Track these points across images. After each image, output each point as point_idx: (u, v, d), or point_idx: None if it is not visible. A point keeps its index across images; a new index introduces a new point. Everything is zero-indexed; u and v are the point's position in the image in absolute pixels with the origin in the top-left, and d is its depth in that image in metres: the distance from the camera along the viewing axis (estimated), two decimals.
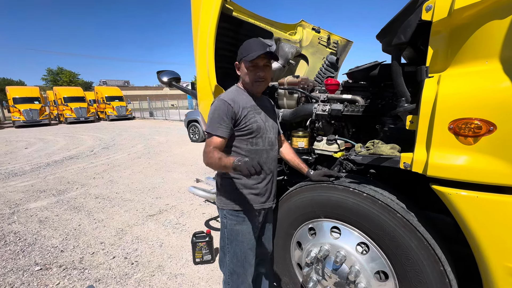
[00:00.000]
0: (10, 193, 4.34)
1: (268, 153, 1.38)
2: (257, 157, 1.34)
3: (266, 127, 1.36)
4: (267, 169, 1.38)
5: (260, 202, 1.38)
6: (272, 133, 1.41)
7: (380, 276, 1.24)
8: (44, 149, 8.58)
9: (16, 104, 17.50)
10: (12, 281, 2.13)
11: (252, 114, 1.31)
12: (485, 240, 0.92)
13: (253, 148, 1.33)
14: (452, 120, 0.93)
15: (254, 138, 1.32)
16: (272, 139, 1.41)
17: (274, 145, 1.43)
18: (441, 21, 1.03)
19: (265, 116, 1.38)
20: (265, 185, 1.38)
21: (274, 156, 1.44)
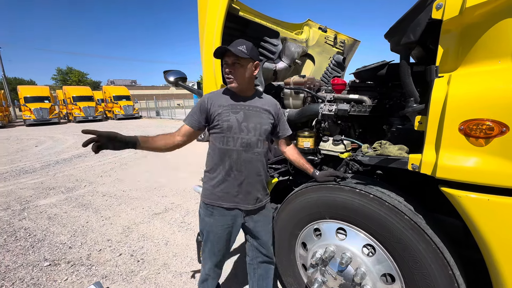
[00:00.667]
0: (21, 190, 4.45)
1: (240, 154, 1.34)
2: (227, 156, 1.34)
3: (241, 128, 1.33)
4: (237, 169, 1.35)
5: (232, 202, 1.39)
6: (252, 135, 1.35)
7: (387, 278, 1.22)
8: (53, 147, 8.75)
9: (27, 103, 17.91)
10: (22, 276, 2.18)
11: (226, 113, 1.33)
12: (496, 244, 0.89)
13: (223, 147, 1.35)
14: (462, 121, 0.91)
15: (224, 137, 1.34)
16: (250, 141, 1.34)
17: (252, 147, 1.35)
18: (452, 19, 1.01)
19: (244, 116, 1.34)
20: (237, 186, 1.37)
21: (251, 159, 1.36)
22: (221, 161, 1.36)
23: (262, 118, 1.38)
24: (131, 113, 21.28)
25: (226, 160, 1.35)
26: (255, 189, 1.42)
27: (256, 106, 1.39)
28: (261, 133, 1.37)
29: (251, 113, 1.36)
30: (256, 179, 1.41)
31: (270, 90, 2.41)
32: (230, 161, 1.35)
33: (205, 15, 1.90)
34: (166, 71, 2.56)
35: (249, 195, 1.40)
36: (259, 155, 1.39)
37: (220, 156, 1.36)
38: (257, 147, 1.37)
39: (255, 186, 1.41)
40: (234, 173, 1.36)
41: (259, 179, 1.42)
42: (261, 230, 1.51)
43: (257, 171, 1.40)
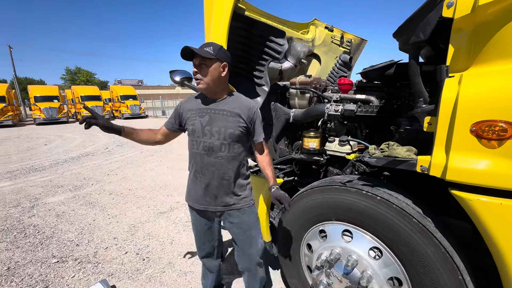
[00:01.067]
0: (31, 187, 4.54)
1: (203, 158, 1.37)
2: (193, 160, 1.42)
3: (204, 131, 1.35)
4: (202, 173, 1.39)
5: (201, 204, 1.44)
6: (215, 138, 1.34)
7: (394, 282, 1.20)
8: (62, 146, 8.91)
9: (37, 102, 18.27)
10: (31, 272, 2.23)
11: (193, 117, 1.39)
12: (509, 249, 0.86)
13: (191, 150, 1.43)
14: (474, 122, 0.88)
15: (191, 140, 1.41)
16: (212, 145, 1.34)
17: (214, 151, 1.35)
18: (464, 18, 0.98)
19: (209, 120, 1.35)
20: (203, 188, 1.40)
21: (214, 162, 1.36)
22: (190, 163, 1.46)
23: (228, 122, 1.35)
24: (138, 112, 21.50)
25: (193, 163, 1.43)
26: (222, 193, 1.41)
27: (224, 110, 1.37)
28: (226, 137, 1.35)
29: (217, 116, 1.36)
30: (222, 183, 1.39)
31: (276, 90, 2.40)
32: (196, 164, 1.41)
33: (211, 15, 1.90)
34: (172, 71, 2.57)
35: (215, 198, 1.41)
36: (223, 159, 1.37)
37: (189, 158, 1.46)
38: (220, 151, 1.36)
39: (221, 190, 1.40)
40: (199, 176, 1.40)
41: (225, 183, 1.39)
42: (238, 236, 1.51)
43: (222, 175, 1.38)
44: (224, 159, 1.37)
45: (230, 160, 1.38)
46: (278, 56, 2.18)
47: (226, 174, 1.39)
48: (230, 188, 1.42)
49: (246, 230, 1.49)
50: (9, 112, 17.12)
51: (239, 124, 1.36)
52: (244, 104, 1.42)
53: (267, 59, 2.21)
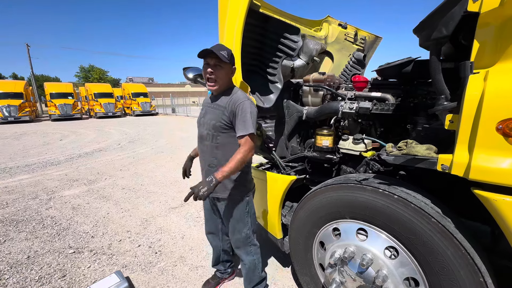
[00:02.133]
0: (47, 180, 4.70)
1: (198, 145, 1.63)
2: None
3: (200, 122, 1.60)
4: (200, 159, 1.65)
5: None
6: (204, 128, 1.56)
7: (410, 283, 1.18)
8: (76, 141, 9.18)
9: (53, 99, 18.89)
10: (49, 261, 2.31)
11: (202, 111, 1.64)
12: None
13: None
14: (501, 120, 0.85)
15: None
16: (202, 134, 1.57)
17: (203, 139, 1.57)
18: (491, 12, 0.95)
19: (204, 113, 1.59)
20: (201, 170, 1.64)
21: (202, 149, 1.60)
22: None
23: (214, 114, 1.51)
24: (148, 109, 21.89)
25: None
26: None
27: (216, 104, 1.53)
28: (211, 128, 1.51)
29: (209, 110, 1.55)
30: (209, 169, 1.56)
31: (289, 87, 2.39)
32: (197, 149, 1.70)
33: (226, 11, 1.90)
34: (186, 68, 2.60)
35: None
36: (208, 147, 1.55)
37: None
38: (206, 140, 1.55)
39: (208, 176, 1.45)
40: (200, 160, 1.66)
41: (212, 170, 1.50)
42: (224, 221, 1.72)
43: (209, 162, 1.57)
44: (208, 148, 1.55)
45: (214, 149, 1.54)
46: (292, 53, 2.17)
47: (211, 162, 1.56)
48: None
49: (230, 219, 1.65)
50: (26, 108, 17.76)
51: (222, 117, 1.48)
52: (232, 99, 1.49)
53: (281, 56, 2.20)
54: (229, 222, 1.66)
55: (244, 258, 1.72)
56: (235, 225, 1.65)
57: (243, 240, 1.67)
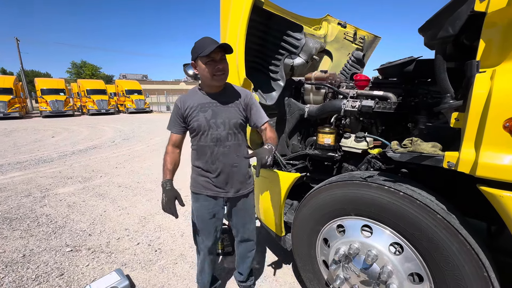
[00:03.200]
0: (41, 178, 4.60)
1: (213, 149, 1.45)
2: (202, 152, 1.48)
3: (209, 124, 1.43)
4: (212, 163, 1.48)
5: (213, 191, 1.53)
6: (221, 129, 1.43)
7: (414, 278, 1.20)
8: (69, 138, 9.01)
9: (44, 95, 18.45)
10: (46, 259, 2.27)
11: (196, 113, 1.43)
12: None
13: (198, 144, 1.48)
14: (508, 118, 0.87)
15: (197, 135, 1.46)
16: (220, 136, 1.43)
17: (222, 141, 1.44)
18: (498, 11, 0.97)
19: (212, 113, 1.43)
20: (215, 176, 1.49)
21: (223, 152, 1.46)
22: (199, 156, 1.51)
23: (230, 113, 1.45)
24: (142, 107, 21.61)
25: (202, 155, 1.49)
26: (234, 179, 1.52)
27: (224, 101, 1.46)
28: (231, 127, 1.45)
29: (219, 109, 1.44)
30: (232, 170, 1.50)
31: (291, 85, 2.39)
32: (205, 156, 1.48)
33: (229, 7, 1.89)
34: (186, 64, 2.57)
35: (226, 185, 1.52)
36: (231, 148, 1.47)
37: (197, 152, 1.51)
38: (227, 141, 1.46)
39: (233, 177, 1.51)
40: (210, 166, 1.49)
41: (235, 170, 1.50)
42: (239, 213, 1.65)
43: (232, 163, 1.49)
44: (232, 148, 1.47)
45: (237, 148, 1.49)
46: (295, 50, 2.17)
47: (236, 161, 1.50)
48: (240, 174, 1.54)
49: (248, 209, 1.67)
50: (16, 104, 17.33)
51: (239, 114, 1.48)
52: (239, 93, 1.51)
53: (283, 54, 2.20)
54: (247, 213, 1.67)
55: (252, 245, 1.78)
56: (252, 213, 1.70)
57: (255, 228, 1.75)
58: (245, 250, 1.78)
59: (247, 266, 1.82)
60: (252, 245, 1.78)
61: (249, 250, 1.78)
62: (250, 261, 1.82)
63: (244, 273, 1.84)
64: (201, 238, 1.62)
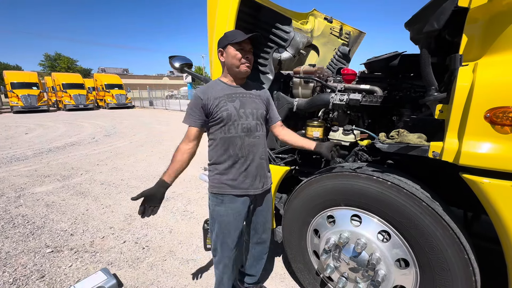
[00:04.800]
0: (14, 177, 4.33)
1: (243, 140, 1.39)
2: (230, 144, 1.38)
3: (239, 114, 1.38)
4: (242, 155, 1.39)
5: (241, 188, 1.41)
6: (250, 119, 1.40)
7: (400, 263, 1.26)
8: (44, 135, 8.51)
9: (14, 89, 17.25)
10: (24, 262, 2.15)
11: (223, 103, 1.36)
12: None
13: (226, 135, 1.38)
14: (489, 109, 0.92)
15: (225, 126, 1.37)
16: (250, 125, 1.39)
17: (252, 131, 1.40)
18: (480, 7, 1.01)
19: (240, 103, 1.39)
20: (244, 171, 1.40)
21: (253, 142, 1.41)
22: (225, 150, 1.39)
23: (256, 104, 1.45)
24: (124, 102, 20.82)
25: (230, 148, 1.38)
26: (261, 172, 1.48)
27: (249, 93, 1.45)
28: (258, 117, 1.44)
29: (246, 99, 1.42)
30: (261, 162, 1.46)
31: (279, 78, 2.39)
32: (234, 148, 1.38)
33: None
34: (172, 56, 2.49)
35: (256, 179, 1.44)
36: (260, 139, 1.45)
37: (223, 145, 1.39)
38: (257, 131, 1.43)
39: (261, 169, 1.47)
40: (240, 159, 1.39)
41: (263, 162, 1.48)
42: (262, 211, 1.57)
43: (261, 154, 1.46)
44: (260, 138, 1.45)
45: (264, 139, 1.49)
46: (284, 44, 2.16)
47: (263, 153, 1.47)
48: (266, 167, 1.52)
49: (270, 206, 1.62)
50: None
51: (263, 106, 1.48)
52: (258, 87, 1.53)
53: (272, 47, 2.18)
54: (269, 210, 1.62)
55: (268, 249, 1.71)
56: (269, 214, 1.63)
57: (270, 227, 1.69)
58: (261, 251, 1.70)
59: (260, 267, 1.76)
60: (268, 246, 1.71)
61: (264, 252, 1.71)
62: (264, 262, 1.75)
63: (257, 275, 1.77)
64: (225, 247, 1.46)
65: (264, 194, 1.55)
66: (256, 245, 1.67)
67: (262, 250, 1.69)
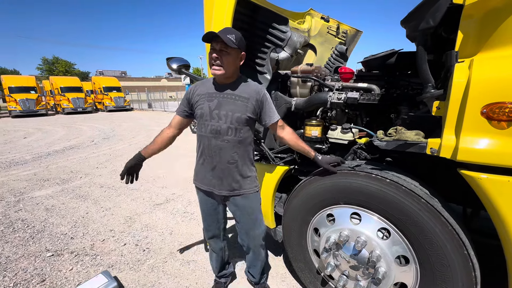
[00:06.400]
0: (13, 181, 4.31)
1: (210, 141, 1.40)
2: (201, 142, 1.47)
3: (212, 115, 1.37)
4: (209, 155, 1.43)
5: (208, 185, 1.50)
6: (221, 122, 1.36)
7: (401, 260, 1.26)
8: (43, 138, 8.49)
9: (12, 94, 17.21)
10: (24, 266, 2.14)
11: (202, 101, 1.41)
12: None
13: (198, 133, 1.47)
14: (485, 105, 0.93)
15: (199, 124, 1.45)
16: (220, 128, 1.37)
17: (220, 134, 1.38)
18: (474, 4, 1.02)
19: (217, 104, 1.37)
20: (210, 170, 1.46)
21: (220, 146, 1.39)
22: (198, 146, 1.50)
23: (236, 106, 1.37)
24: (122, 104, 20.79)
25: (200, 145, 1.47)
26: (228, 176, 1.44)
27: (233, 94, 1.39)
28: (233, 121, 1.37)
29: (226, 100, 1.38)
30: (228, 167, 1.42)
31: (277, 78, 2.39)
32: (203, 146, 1.45)
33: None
34: (169, 58, 2.49)
35: (221, 181, 1.46)
36: (230, 143, 1.39)
37: (197, 141, 1.50)
38: (227, 135, 1.38)
39: (228, 173, 1.44)
40: (206, 158, 1.45)
41: (231, 167, 1.43)
42: (241, 218, 1.57)
43: (229, 159, 1.41)
44: (230, 143, 1.40)
45: (236, 144, 1.41)
46: (281, 43, 2.16)
47: (232, 158, 1.42)
48: (236, 172, 1.45)
49: (250, 213, 1.55)
50: None
51: (246, 108, 1.38)
52: (252, 88, 1.43)
53: (269, 47, 2.19)
54: (250, 218, 1.56)
55: (261, 252, 1.68)
56: (256, 218, 1.57)
57: (262, 232, 1.62)
58: (253, 258, 1.70)
59: (258, 271, 1.75)
60: (261, 252, 1.67)
61: (257, 259, 1.70)
62: (261, 265, 1.74)
63: (256, 277, 1.78)
64: (204, 228, 1.71)
65: (241, 199, 1.50)
66: (248, 251, 1.70)
67: (253, 256, 1.69)
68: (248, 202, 1.53)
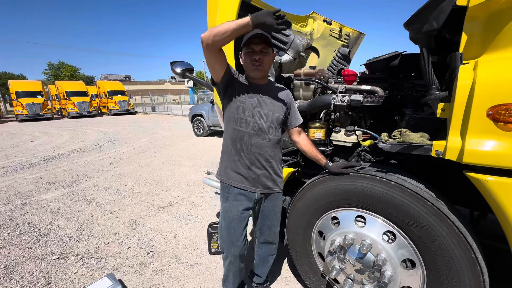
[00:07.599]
0: (20, 185, 4.37)
1: (251, 137, 1.39)
2: (238, 138, 1.40)
3: (253, 113, 1.39)
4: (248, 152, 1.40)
5: (243, 183, 1.44)
6: (263, 121, 1.39)
7: (407, 264, 1.25)
8: (49, 142, 8.60)
9: (19, 98, 17.51)
10: (31, 269, 2.16)
11: (243, 95, 1.39)
12: None
13: (236, 127, 1.41)
14: (491, 106, 0.92)
15: (238, 120, 1.39)
16: (262, 126, 1.39)
17: (262, 132, 1.40)
18: (479, 6, 1.01)
19: (258, 103, 1.40)
20: (246, 168, 1.42)
21: (261, 144, 1.40)
22: (233, 142, 1.43)
23: (274, 106, 1.43)
24: (127, 108, 21.00)
25: (237, 141, 1.41)
26: (264, 175, 1.46)
27: (270, 94, 1.44)
28: (273, 120, 1.42)
29: (264, 100, 1.41)
30: (265, 165, 1.44)
31: (280, 81, 2.40)
32: (241, 143, 1.41)
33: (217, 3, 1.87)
34: (173, 62, 2.52)
35: (257, 179, 1.45)
36: (270, 142, 1.43)
37: (232, 136, 1.43)
38: (268, 133, 1.42)
39: (265, 172, 1.45)
40: (244, 155, 1.41)
41: (268, 166, 1.45)
42: (268, 215, 1.57)
43: (267, 157, 1.44)
44: (271, 141, 1.44)
45: (275, 143, 1.46)
46: (284, 47, 2.18)
47: (270, 157, 1.45)
48: (272, 171, 1.48)
49: (277, 212, 1.61)
50: None
51: (282, 109, 1.46)
52: (283, 90, 1.52)
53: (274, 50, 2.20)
54: (276, 216, 1.60)
55: (276, 248, 1.71)
56: (279, 219, 1.64)
57: (278, 232, 1.67)
58: (267, 253, 1.71)
59: (266, 269, 1.78)
60: (275, 249, 1.71)
61: (270, 254, 1.72)
62: (270, 264, 1.77)
63: (263, 276, 1.79)
64: (229, 243, 1.49)
65: (271, 198, 1.54)
66: (262, 245, 1.69)
67: (267, 251, 1.70)
68: (278, 201, 1.59)
